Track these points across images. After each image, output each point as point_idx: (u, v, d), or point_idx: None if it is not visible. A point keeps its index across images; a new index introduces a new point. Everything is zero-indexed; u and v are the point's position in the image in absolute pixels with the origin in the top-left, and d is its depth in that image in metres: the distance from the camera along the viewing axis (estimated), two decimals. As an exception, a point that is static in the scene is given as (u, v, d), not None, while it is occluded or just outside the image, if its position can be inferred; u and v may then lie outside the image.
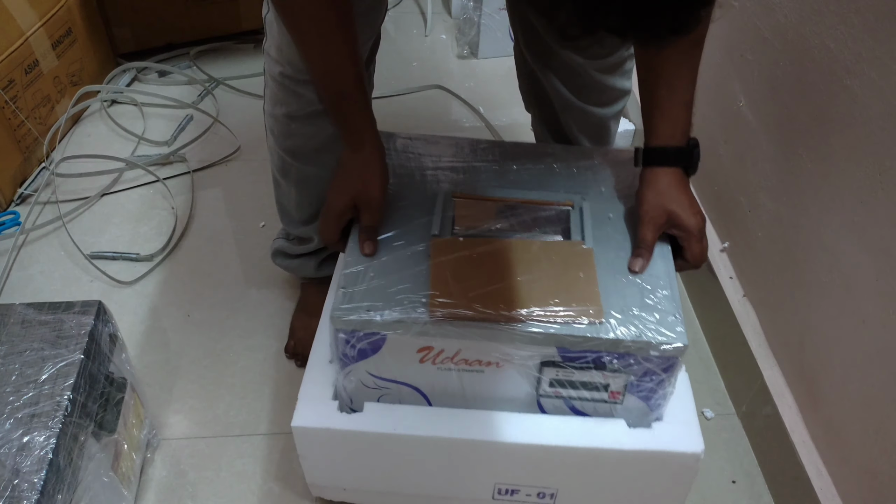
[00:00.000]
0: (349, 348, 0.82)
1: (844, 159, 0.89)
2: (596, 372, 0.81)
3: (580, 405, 0.86)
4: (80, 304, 0.89)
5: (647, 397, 0.83)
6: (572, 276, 0.82)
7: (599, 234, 0.87)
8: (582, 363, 0.80)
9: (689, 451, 0.85)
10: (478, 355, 0.81)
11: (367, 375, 0.85)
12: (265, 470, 1.05)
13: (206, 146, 1.57)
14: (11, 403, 0.79)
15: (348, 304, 0.79)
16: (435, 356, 0.82)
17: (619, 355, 0.79)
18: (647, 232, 0.85)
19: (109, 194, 1.47)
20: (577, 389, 0.84)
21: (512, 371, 0.82)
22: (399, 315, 0.78)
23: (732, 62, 1.15)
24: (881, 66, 0.81)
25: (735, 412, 1.14)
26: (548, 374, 0.82)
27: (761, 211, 1.10)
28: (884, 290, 0.83)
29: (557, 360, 0.80)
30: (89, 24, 1.66)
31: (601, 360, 0.80)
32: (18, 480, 0.73)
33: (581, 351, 0.79)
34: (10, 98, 1.40)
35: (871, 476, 0.87)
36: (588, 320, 0.78)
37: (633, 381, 0.81)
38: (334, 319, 0.79)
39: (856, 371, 0.89)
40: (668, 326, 0.78)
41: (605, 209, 0.91)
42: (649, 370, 0.80)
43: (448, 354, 0.81)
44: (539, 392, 0.84)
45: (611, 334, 0.77)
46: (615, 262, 0.85)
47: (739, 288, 1.17)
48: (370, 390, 0.86)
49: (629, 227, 0.89)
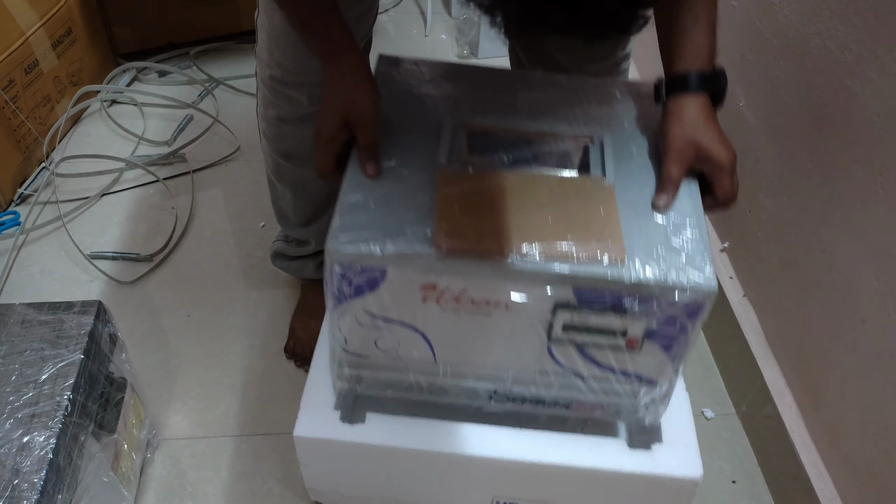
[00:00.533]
0: (345, 284, 0.74)
1: (844, 159, 0.89)
2: (614, 316, 0.73)
3: (595, 353, 0.77)
4: (80, 304, 0.89)
5: (668, 346, 0.75)
6: (592, 213, 0.74)
7: (621, 170, 0.79)
8: (599, 306, 0.72)
9: (689, 477, 0.83)
10: (486, 295, 0.73)
11: (364, 314, 0.76)
12: (265, 470, 1.05)
13: (206, 146, 1.57)
14: (11, 403, 0.79)
15: (346, 234, 0.71)
16: (439, 295, 0.73)
17: (640, 298, 0.71)
18: (672, 167, 0.76)
19: (109, 194, 1.47)
20: (593, 335, 0.75)
21: (522, 314, 0.74)
22: (402, 248, 0.70)
23: (732, 62, 1.15)
24: (881, 66, 0.81)
25: (735, 412, 1.14)
26: (561, 317, 0.73)
27: (761, 211, 1.10)
28: (884, 290, 0.83)
29: (572, 303, 0.72)
30: (89, 24, 1.66)
31: (620, 304, 0.71)
32: (18, 480, 0.73)
33: (599, 292, 0.71)
34: (10, 98, 1.40)
35: (871, 476, 0.87)
36: (608, 259, 0.70)
37: (654, 328, 0.73)
38: (330, 251, 0.71)
39: (856, 371, 0.89)
40: (695, 268, 0.70)
41: (627, 144, 0.82)
42: (672, 316, 0.72)
43: (453, 293, 0.73)
44: (551, 337, 0.76)
45: (633, 275, 0.69)
46: (638, 200, 0.76)
47: (739, 288, 1.17)
48: (366, 330, 0.78)
49: (654, 164, 0.80)
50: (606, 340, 0.76)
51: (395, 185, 0.76)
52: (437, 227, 0.72)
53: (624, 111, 0.87)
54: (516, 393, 0.84)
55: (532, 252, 0.70)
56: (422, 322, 0.77)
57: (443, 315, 0.75)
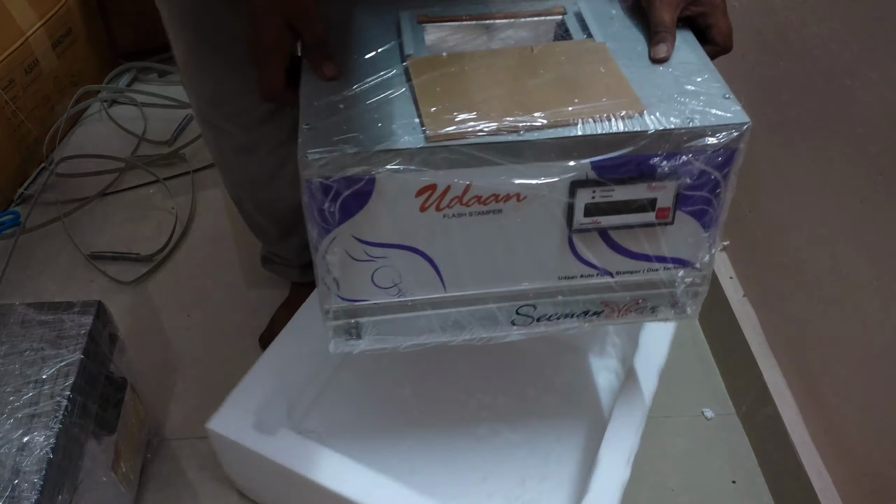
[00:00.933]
0: (329, 202, 0.63)
1: (844, 159, 0.89)
2: (641, 185, 0.65)
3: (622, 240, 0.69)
4: (80, 304, 0.89)
5: (701, 213, 0.68)
6: (592, 72, 0.66)
7: (607, 32, 0.72)
8: (622, 175, 0.64)
9: None
10: (493, 188, 0.63)
11: (355, 243, 0.66)
12: (265, 470, 1.05)
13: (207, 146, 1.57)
14: (11, 403, 0.79)
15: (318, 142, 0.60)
16: (439, 198, 0.64)
17: (667, 155, 0.63)
18: (663, 12, 0.69)
19: (109, 194, 1.47)
20: (620, 214, 0.67)
21: (537, 204, 0.65)
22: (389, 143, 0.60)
23: (732, 62, 1.15)
24: (881, 66, 0.81)
25: (735, 412, 1.14)
26: (582, 197, 0.65)
27: (761, 211, 1.10)
28: (884, 290, 0.83)
29: (592, 177, 0.64)
30: (89, 24, 1.66)
31: (648, 165, 0.64)
32: (18, 480, 0.73)
33: (620, 157, 0.63)
34: (10, 98, 1.40)
35: (872, 476, 0.87)
36: (625, 112, 0.62)
37: (686, 191, 0.66)
38: (303, 163, 0.60)
39: (856, 371, 0.89)
40: (721, 107, 0.64)
41: (604, 9, 0.75)
42: (703, 171, 0.65)
43: (456, 193, 0.63)
44: (573, 226, 0.67)
45: (657, 125, 0.62)
46: (634, 55, 0.69)
47: (739, 288, 1.17)
48: (361, 265, 0.68)
49: (638, 23, 0.73)
50: (635, 218, 0.67)
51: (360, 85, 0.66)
52: (424, 114, 0.62)
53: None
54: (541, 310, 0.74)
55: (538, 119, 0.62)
56: (423, 239, 0.67)
57: (446, 225, 0.65)
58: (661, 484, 1.05)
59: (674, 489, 1.04)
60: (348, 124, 0.62)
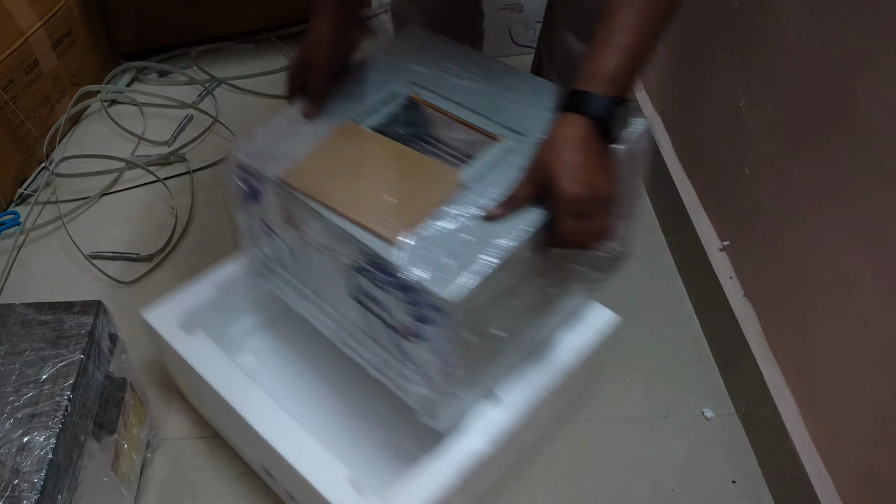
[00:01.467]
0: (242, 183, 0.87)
1: (844, 159, 0.89)
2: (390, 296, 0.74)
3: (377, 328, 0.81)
4: (80, 304, 0.89)
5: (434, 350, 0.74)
6: (419, 195, 0.77)
7: (494, 178, 0.77)
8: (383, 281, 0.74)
9: None
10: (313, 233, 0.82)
11: (259, 221, 0.90)
12: (265, 470, 1.05)
13: (206, 146, 1.57)
14: (11, 403, 0.79)
15: (246, 145, 0.86)
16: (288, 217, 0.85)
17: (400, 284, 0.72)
18: (522, 185, 0.73)
19: (109, 194, 1.47)
20: (377, 306, 0.77)
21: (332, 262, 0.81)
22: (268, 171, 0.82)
23: (732, 62, 1.15)
24: (881, 67, 0.81)
25: (735, 412, 1.14)
26: (354, 279, 0.79)
27: (761, 211, 1.10)
28: (884, 290, 0.83)
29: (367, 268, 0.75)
30: (89, 24, 1.66)
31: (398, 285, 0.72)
32: (18, 480, 0.73)
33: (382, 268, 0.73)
34: (10, 98, 1.40)
35: (872, 477, 0.87)
36: (384, 239, 0.73)
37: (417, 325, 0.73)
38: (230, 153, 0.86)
39: (856, 371, 0.89)
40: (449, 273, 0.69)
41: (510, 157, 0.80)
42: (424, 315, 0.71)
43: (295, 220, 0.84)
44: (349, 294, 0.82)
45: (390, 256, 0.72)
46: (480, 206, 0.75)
47: (739, 288, 1.17)
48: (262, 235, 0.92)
49: None
50: (385, 316, 0.78)
51: (311, 123, 0.87)
52: (301, 163, 0.82)
53: None
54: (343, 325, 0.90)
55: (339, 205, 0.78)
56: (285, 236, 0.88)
57: (293, 236, 0.86)
58: (661, 484, 1.05)
59: (674, 489, 1.04)
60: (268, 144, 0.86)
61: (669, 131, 1.44)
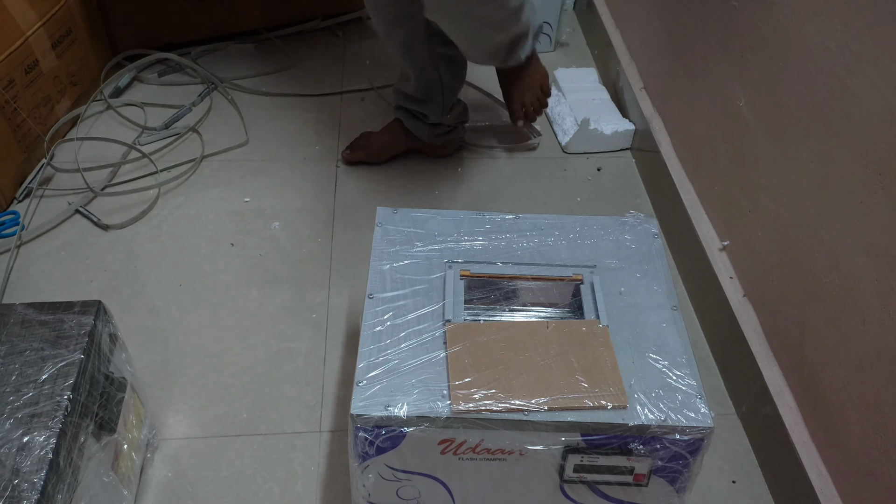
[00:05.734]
0: (367, 445, 0.80)
1: (844, 159, 0.89)
2: (621, 456, 0.79)
3: (605, 489, 0.84)
4: (80, 304, 0.89)
5: (673, 479, 0.82)
6: (592, 358, 0.81)
7: (612, 310, 0.87)
8: (607, 448, 0.79)
9: None
10: (500, 445, 0.79)
11: (386, 468, 0.83)
12: (265, 470, 1.05)
13: (207, 146, 1.57)
14: (11, 403, 0.79)
15: (367, 399, 0.78)
16: (457, 447, 0.80)
17: (644, 440, 0.77)
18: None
19: (109, 195, 1.47)
20: (602, 474, 0.81)
21: (535, 460, 0.81)
22: (420, 410, 0.77)
23: (732, 62, 1.15)
24: (881, 66, 0.81)
25: (735, 412, 1.14)
26: (572, 460, 0.80)
27: (761, 211, 1.10)
28: (884, 290, 0.83)
29: (582, 447, 0.79)
30: (89, 24, 1.66)
31: (626, 445, 0.78)
32: (18, 480, 0.73)
33: (606, 436, 0.78)
34: (10, 98, 1.40)
35: (871, 476, 0.87)
36: (612, 405, 0.77)
37: (659, 465, 0.80)
38: (354, 417, 0.78)
39: (856, 371, 0.89)
40: (692, 408, 0.77)
41: (615, 282, 0.90)
42: (676, 453, 0.79)
43: (470, 445, 0.80)
44: (563, 478, 0.82)
45: (636, 420, 0.76)
46: (631, 340, 0.84)
47: (739, 288, 1.17)
48: (389, 482, 0.84)
49: (640, 300, 0.89)
50: (615, 478, 0.81)
51: (408, 343, 0.84)
52: (451, 386, 0.78)
53: (609, 248, 0.96)
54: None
55: (541, 403, 0.77)
56: (441, 472, 0.83)
57: (461, 464, 0.81)
58: (661, 484, 1.05)
59: (674, 489, 1.04)
60: (392, 387, 0.79)
61: (669, 131, 1.44)
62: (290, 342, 1.21)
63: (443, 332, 0.84)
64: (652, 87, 1.52)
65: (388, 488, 0.85)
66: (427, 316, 0.86)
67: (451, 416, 0.76)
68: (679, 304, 0.89)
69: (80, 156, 1.52)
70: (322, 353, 1.20)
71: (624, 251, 0.95)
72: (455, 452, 0.80)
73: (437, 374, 0.80)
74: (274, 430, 1.10)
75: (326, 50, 1.87)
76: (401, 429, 0.78)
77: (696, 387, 0.80)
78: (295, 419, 1.11)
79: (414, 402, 0.77)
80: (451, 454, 0.80)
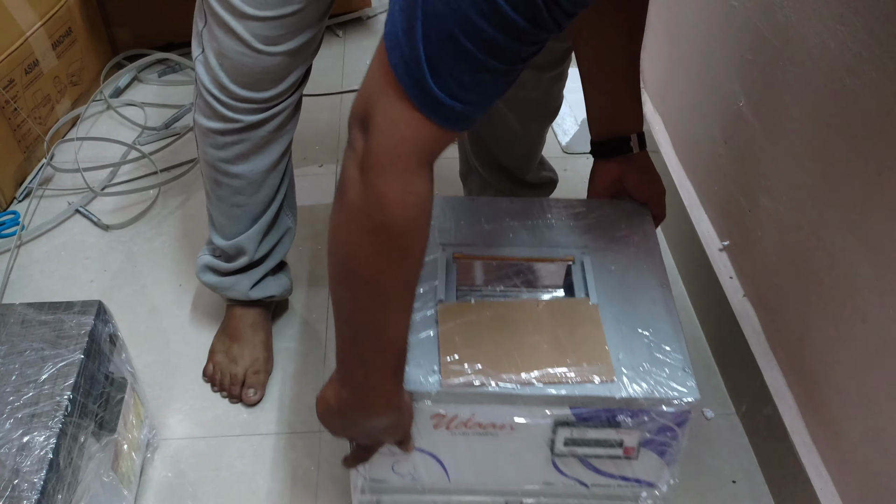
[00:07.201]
0: None
1: (844, 159, 0.89)
2: (610, 429, 0.81)
3: (595, 462, 0.85)
4: (80, 304, 0.89)
5: (662, 452, 0.83)
6: (580, 334, 0.83)
7: (602, 288, 0.88)
8: (596, 421, 0.80)
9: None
10: (491, 419, 0.81)
11: None
12: (265, 470, 1.05)
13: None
14: (11, 403, 0.79)
15: None
16: (449, 422, 0.81)
17: (632, 412, 0.79)
18: None
19: (109, 195, 1.47)
20: (592, 447, 0.83)
21: (526, 434, 0.82)
22: (412, 385, 0.78)
23: (732, 62, 1.15)
24: (881, 66, 0.81)
25: (735, 412, 1.14)
26: (562, 433, 0.82)
27: (761, 211, 1.10)
28: (884, 290, 0.83)
29: (571, 420, 0.80)
30: (89, 24, 1.66)
31: (615, 418, 0.80)
32: (18, 480, 0.73)
33: (594, 410, 0.79)
34: (10, 98, 1.40)
35: (871, 476, 0.87)
36: (599, 379, 0.78)
37: (647, 437, 0.81)
38: None
39: (856, 371, 0.89)
40: (679, 381, 0.78)
41: (605, 262, 0.91)
42: (663, 425, 0.80)
43: (462, 420, 0.81)
44: (554, 452, 0.84)
45: (623, 392, 0.77)
46: (620, 317, 0.85)
47: (739, 288, 1.17)
48: (384, 457, 0.85)
49: (631, 279, 0.90)
50: (605, 451, 0.83)
51: None
52: (442, 362, 0.79)
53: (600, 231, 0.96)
54: None
55: (531, 378, 0.78)
56: (434, 446, 0.84)
57: (453, 439, 0.83)
58: (661, 484, 1.05)
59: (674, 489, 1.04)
60: None
61: (669, 131, 1.44)
62: (289, 342, 1.21)
63: (435, 311, 0.84)
64: (652, 87, 1.52)
65: (384, 463, 0.86)
66: (420, 296, 0.85)
67: (442, 390, 0.77)
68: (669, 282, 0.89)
69: (80, 156, 1.52)
70: (322, 353, 1.20)
71: (616, 233, 0.96)
72: (447, 427, 0.81)
73: (429, 351, 0.80)
74: (274, 430, 1.10)
75: (326, 50, 1.87)
76: None
77: (682, 360, 0.80)
78: (295, 419, 1.11)
79: (406, 378, 0.77)
80: (443, 429, 0.82)
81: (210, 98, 0.94)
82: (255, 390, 1.12)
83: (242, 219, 1.07)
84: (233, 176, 1.02)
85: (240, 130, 0.97)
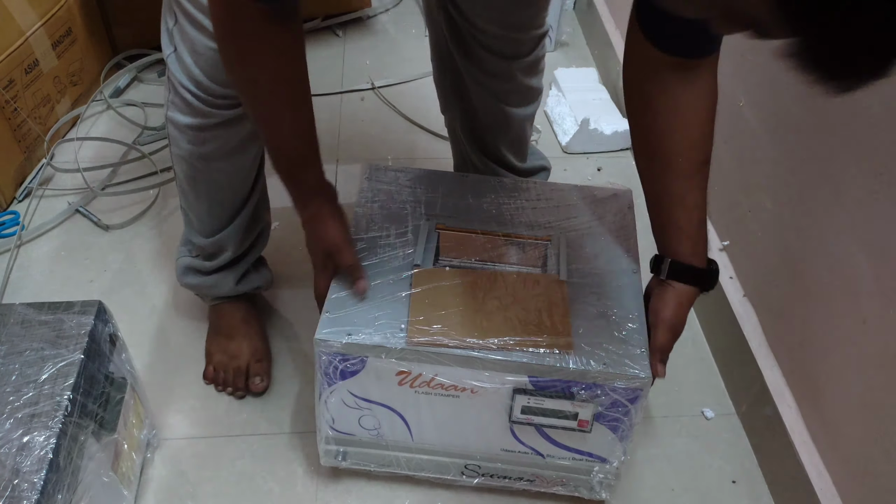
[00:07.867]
0: (332, 369, 0.86)
1: (844, 159, 0.89)
2: (565, 401, 0.84)
3: (551, 433, 0.89)
4: (80, 304, 0.89)
5: (615, 427, 0.86)
6: (546, 306, 0.86)
7: (575, 268, 0.91)
8: (552, 391, 0.83)
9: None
10: (453, 380, 0.84)
11: (349, 395, 0.88)
12: (265, 470, 1.05)
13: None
14: (11, 403, 0.79)
15: (331, 327, 0.84)
16: (413, 380, 0.85)
17: (586, 385, 0.82)
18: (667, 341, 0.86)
19: (109, 195, 1.47)
20: (548, 417, 0.86)
21: (486, 398, 0.85)
22: (379, 340, 0.82)
23: (732, 62, 1.15)
24: (881, 66, 0.81)
25: (735, 412, 1.14)
26: (519, 401, 0.85)
27: (761, 211, 1.10)
28: (884, 290, 0.83)
29: (529, 388, 0.83)
30: (89, 24, 1.66)
31: (570, 390, 0.83)
32: (18, 480, 0.73)
33: (551, 380, 0.82)
34: (10, 98, 1.40)
35: (872, 476, 0.87)
36: (559, 351, 0.81)
37: (601, 411, 0.85)
38: (318, 342, 0.83)
39: (856, 371, 0.89)
40: (634, 360, 0.82)
41: (581, 244, 0.95)
42: (616, 401, 0.83)
43: (425, 379, 0.84)
44: (511, 419, 0.87)
45: (578, 364, 0.81)
46: (588, 296, 0.88)
47: (739, 288, 1.17)
48: (351, 410, 0.89)
49: (602, 263, 0.93)
50: (560, 422, 0.87)
51: (376, 283, 0.88)
52: (410, 322, 0.83)
53: (581, 214, 1.00)
54: (485, 468, 0.95)
55: (492, 343, 0.81)
56: (399, 403, 0.88)
57: (417, 397, 0.87)
58: (661, 484, 1.05)
59: (674, 489, 1.04)
60: (355, 318, 0.84)
61: (669, 131, 1.43)
62: (289, 342, 1.21)
63: (410, 275, 0.88)
64: (652, 87, 1.52)
65: (350, 416, 0.90)
66: (399, 258, 0.91)
67: (407, 347, 0.81)
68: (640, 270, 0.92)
69: (80, 156, 1.52)
70: (322, 353, 1.20)
71: (596, 218, 0.99)
72: (412, 385, 0.85)
73: (399, 310, 0.84)
74: (274, 430, 1.10)
75: (326, 50, 1.87)
76: (362, 357, 0.83)
77: (640, 340, 0.83)
78: (295, 419, 1.11)
79: (374, 333, 0.82)
80: (407, 386, 0.85)
81: (187, 94, 0.93)
82: (261, 378, 1.13)
83: (223, 215, 1.06)
84: (213, 171, 1.01)
85: (218, 126, 0.96)
